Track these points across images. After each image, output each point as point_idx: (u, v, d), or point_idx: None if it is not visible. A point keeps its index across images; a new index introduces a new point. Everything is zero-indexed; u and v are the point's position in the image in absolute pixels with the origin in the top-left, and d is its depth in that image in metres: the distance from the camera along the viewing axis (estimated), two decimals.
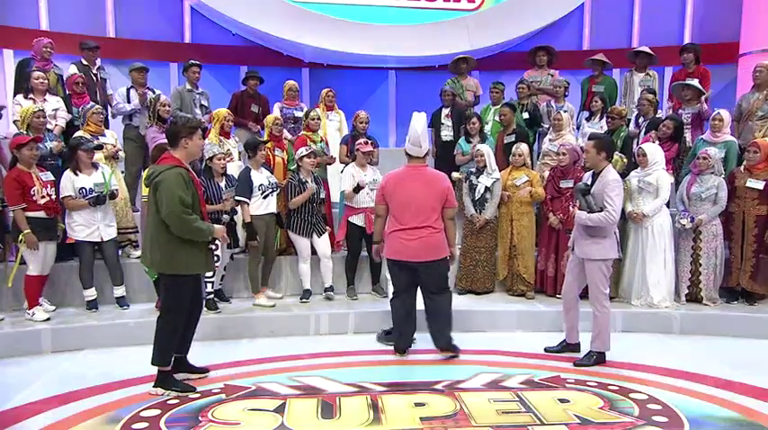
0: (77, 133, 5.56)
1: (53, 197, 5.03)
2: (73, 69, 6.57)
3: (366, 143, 5.84)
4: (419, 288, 4.71)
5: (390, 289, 5.82)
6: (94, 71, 6.77)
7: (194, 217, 3.76)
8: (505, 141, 6.44)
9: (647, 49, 7.41)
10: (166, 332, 3.88)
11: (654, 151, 5.56)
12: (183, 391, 3.96)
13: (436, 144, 7.06)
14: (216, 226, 3.96)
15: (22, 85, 6.01)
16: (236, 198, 5.26)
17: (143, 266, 5.13)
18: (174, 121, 4.00)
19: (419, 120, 4.54)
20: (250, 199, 5.32)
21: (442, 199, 4.53)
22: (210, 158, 5.33)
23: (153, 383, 3.97)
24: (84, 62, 6.76)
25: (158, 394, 3.92)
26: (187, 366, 4.20)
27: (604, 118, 6.71)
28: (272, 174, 5.72)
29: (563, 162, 5.66)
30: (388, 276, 5.94)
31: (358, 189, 5.68)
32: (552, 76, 7.48)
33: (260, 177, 5.43)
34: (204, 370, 4.28)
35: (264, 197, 5.43)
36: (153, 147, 5.27)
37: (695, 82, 6.62)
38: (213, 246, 3.97)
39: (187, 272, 3.85)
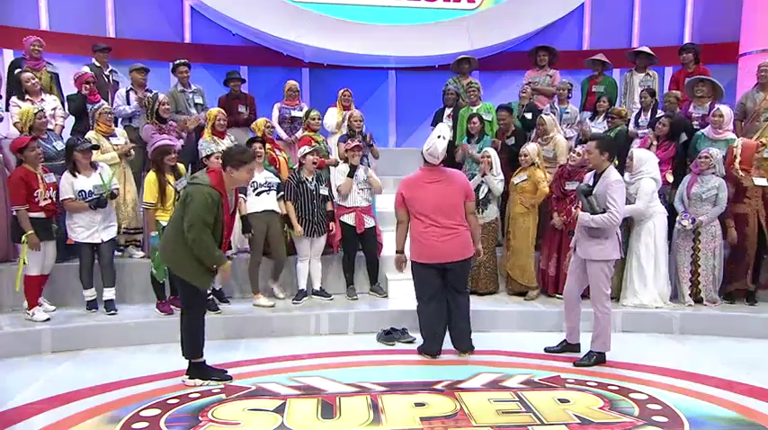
0: (88, 134, 5.57)
1: (54, 199, 5.03)
2: (85, 70, 6.58)
3: (351, 141, 5.87)
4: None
5: (391, 290, 5.87)
6: (106, 73, 6.78)
7: (210, 239, 3.86)
8: (509, 143, 6.43)
9: (646, 50, 7.40)
10: (190, 325, 4.06)
11: (642, 158, 5.44)
12: (221, 380, 4.12)
13: None
14: (226, 262, 4.04)
15: (14, 85, 6.02)
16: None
17: (151, 268, 5.13)
18: (229, 148, 4.20)
19: (442, 141, 4.58)
20: (245, 194, 5.34)
21: (464, 194, 4.61)
22: (207, 157, 5.34)
23: (187, 375, 4.10)
24: (97, 64, 6.77)
25: (196, 385, 4.04)
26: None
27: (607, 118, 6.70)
28: (277, 174, 5.69)
29: (573, 161, 5.64)
30: (388, 276, 5.98)
31: (352, 173, 5.69)
32: (551, 76, 7.47)
33: (256, 176, 5.42)
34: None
35: (257, 194, 5.43)
36: (153, 149, 5.27)
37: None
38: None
39: (190, 281, 3.97)
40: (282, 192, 5.60)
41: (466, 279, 4.83)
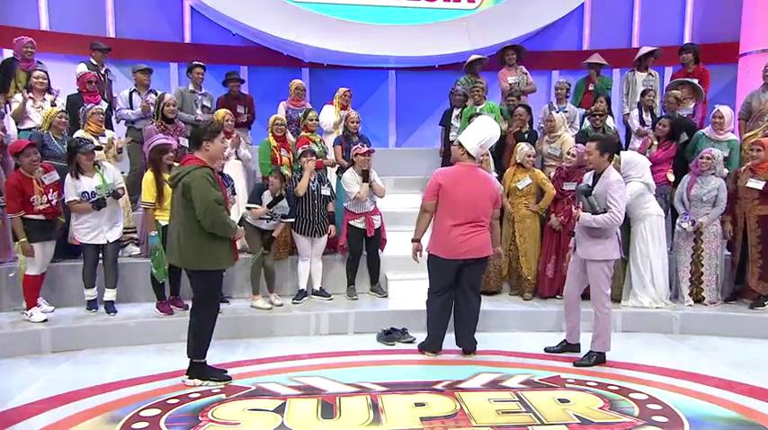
0: (77, 133, 5.58)
1: (54, 202, 5.00)
2: (82, 68, 6.58)
3: (362, 146, 5.86)
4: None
5: (391, 290, 5.88)
6: (102, 72, 6.77)
7: (226, 213, 3.91)
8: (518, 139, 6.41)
9: (648, 48, 7.36)
10: (203, 324, 4.05)
11: (630, 161, 5.38)
12: (221, 380, 4.11)
13: (445, 143, 7.09)
14: (239, 228, 4.16)
15: (6, 85, 6.05)
16: (247, 205, 5.37)
17: (151, 268, 5.12)
18: (195, 125, 4.13)
19: (496, 128, 4.69)
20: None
21: (494, 199, 4.67)
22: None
23: (187, 375, 4.10)
24: (93, 62, 6.77)
25: (195, 385, 4.04)
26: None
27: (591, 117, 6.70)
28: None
29: (569, 163, 5.65)
30: (388, 276, 5.98)
31: (366, 177, 5.68)
32: (526, 74, 7.47)
33: (266, 196, 5.40)
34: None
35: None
36: (151, 148, 5.27)
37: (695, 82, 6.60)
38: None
39: (214, 267, 4.01)
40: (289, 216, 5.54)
41: (480, 278, 4.85)
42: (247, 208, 5.37)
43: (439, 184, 4.54)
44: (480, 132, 4.60)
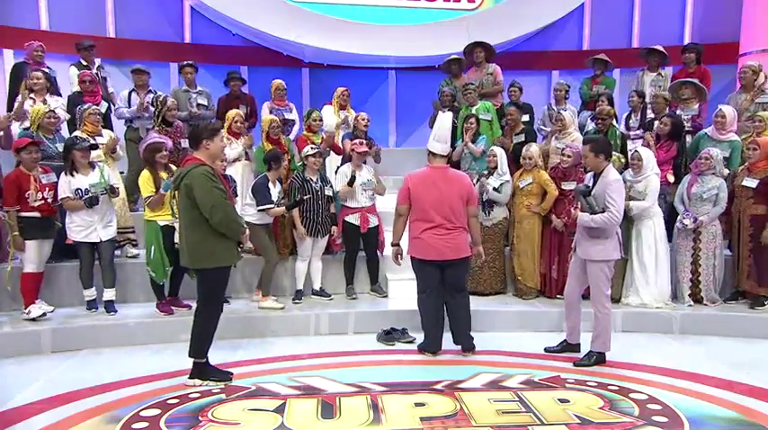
0: (74, 133, 5.59)
1: (49, 200, 5.02)
2: (73, 70, 6.58)
3: (361, 143, 5.85)
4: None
5: (391, 290, 5.88)
6: (94, 70, 6.77)
7: (234, 212, 3.95)
8: (515, 141, 6.39)
9: (660, 48, 7.34)
10: (205, 323, 4.05)
11: (648, 155, 5.48)
12: (221, 380, 4.11)
13: None
14: (244, 225, 4.21)
15: (18, 89, 6.03)
16: (260, 208, 5.35)
17: (149, 271, 5.12)
18: (194, 125, 4.17)
19: (446, 119, 4.71)
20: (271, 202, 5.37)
21: (466, 198, 4.63)
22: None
23: (188, 375, 4.10)
24: (84, 62, 6.76)
25: (195, 385, 4.04)
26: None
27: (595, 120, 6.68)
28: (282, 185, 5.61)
29: (565, 164, 5.65)
30: (388, 276, 5.98)
31: (352, 181, 5.71)
32: (491, 74, 7.30)
33: (273, 191, 5.43)
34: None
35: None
36: (144, 147, 5.30)
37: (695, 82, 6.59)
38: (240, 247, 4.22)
39: (221, 264, 4.01)
40: (284, 199, 5.56)
41: (464, 278, 4.83)
42: (260, 210, 5.35)
43: (408, 188, 4.59)
44: (434, 130, 4.69)
